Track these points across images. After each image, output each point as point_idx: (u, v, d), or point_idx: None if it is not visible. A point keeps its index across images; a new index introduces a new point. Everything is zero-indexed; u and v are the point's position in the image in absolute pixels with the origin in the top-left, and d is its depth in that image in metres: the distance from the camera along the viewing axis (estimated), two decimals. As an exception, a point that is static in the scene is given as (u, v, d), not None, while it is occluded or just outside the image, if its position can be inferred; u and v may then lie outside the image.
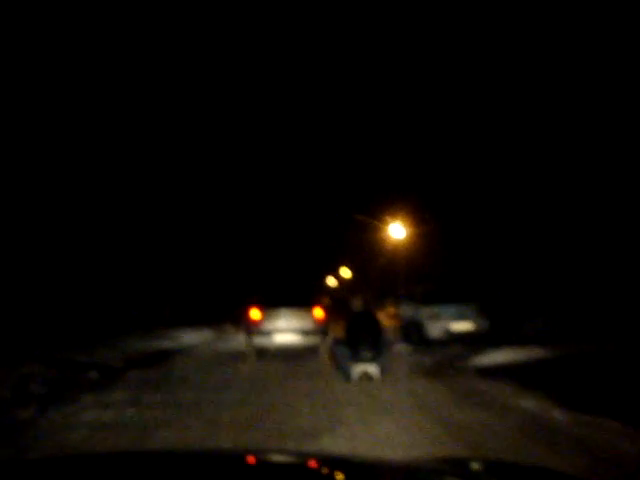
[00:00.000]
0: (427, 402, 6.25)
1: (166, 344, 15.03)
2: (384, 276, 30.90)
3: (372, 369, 7.94)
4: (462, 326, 12.24)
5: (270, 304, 11.36)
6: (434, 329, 12.26)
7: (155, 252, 23.02)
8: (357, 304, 9.21)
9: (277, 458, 1.86)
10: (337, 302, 24.19)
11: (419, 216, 24.59)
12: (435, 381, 7.63)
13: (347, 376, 7.98)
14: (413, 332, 13.16)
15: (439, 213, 23.17)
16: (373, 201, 29.02)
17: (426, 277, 25.13)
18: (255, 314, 11.24)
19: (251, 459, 1.68)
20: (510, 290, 16.08)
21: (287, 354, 11.56)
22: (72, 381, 7.88)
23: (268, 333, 11.10)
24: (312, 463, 1.68)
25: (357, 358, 7.97)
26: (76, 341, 12.88)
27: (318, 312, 11.30)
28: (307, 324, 11.12)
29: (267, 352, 11.47)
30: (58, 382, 7.60)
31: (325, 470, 1.55)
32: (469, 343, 11.85)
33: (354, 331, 8.34)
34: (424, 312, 12.61)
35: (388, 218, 26.33)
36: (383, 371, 8.03)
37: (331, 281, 45.51)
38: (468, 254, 20.31)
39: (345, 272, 42.36)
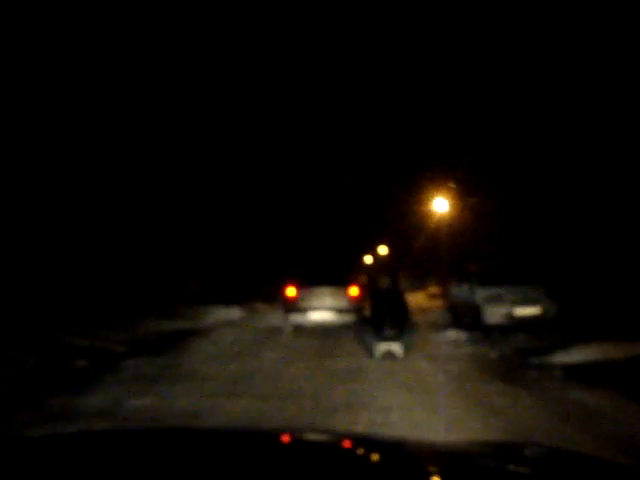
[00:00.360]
0: (512, 422, 4.39)
1: (188, 324, 13.52)
2: (426, 254, 28.84)
3: (395, 347, 7.85)
4: (528, 311, 10.22)
5: (307, 282, 11.65)
6: (494, 314, 10.26)
7: (183, 225, 21.66)
8: (382, 283, 9.25)
9: (312, 437, 1.79)
10: (373, 280, 22.60)
11: (466, 188, 22.45)
12: (513, 386, 5.71)
13: (371, 353, 7.96)
14: (467, 316, 11.23)
15: (489, 184, 20.98)
16: (414, 173, 26.93)
17: (476, 255, 23.08)
18: (291, 292, 11.56)
19: (285, 438, 1.66)
20: (582, 270, 13.88)
21: (322, 331, 11.44)
22: (49, 372, 6.31)
23: (304, 310, 11.34)
24: (348, 443, 1.60)
25: (380, 336, 7.94)
26: (86, 321, 11.44)
27: (353, 290, 11.50)
28: (342, 302, 11.32)
29: (303, 329, 11.57)
30: (29, 374, 6.03)
31: (364, 452, 1.47)
32: (535, 332, 9.88)
33: (378, 309, 8.42)
34: (482, 294, 10.62)
35: (431, 191, 24.29)
36: (406, 349, 7.93)
37: (368, 259, 43.65)
38: (528, 229, 18.09)
39: (383, 250, 40.42)
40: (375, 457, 1.44)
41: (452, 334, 10.68)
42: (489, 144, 21.20)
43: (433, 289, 28.46)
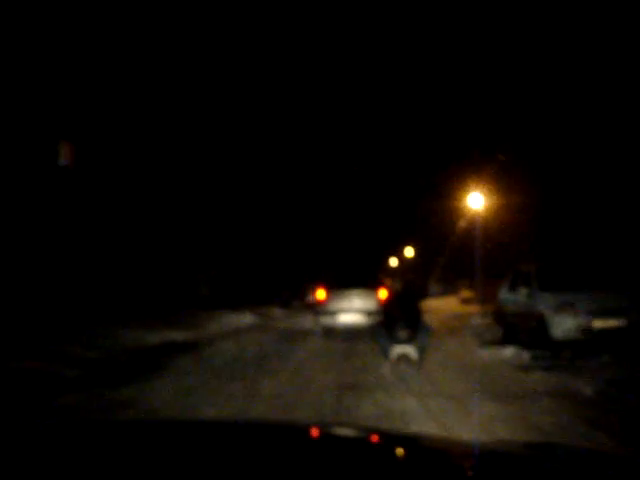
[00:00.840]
0: None
1: (184, 334, 11.40)
2: (458, 255, 26.32)
3: (409, 350, 7.82)
4: (610, 323, 7.83)
5: (336, 285, 11.88)
6: (565, 326, 7.82)
7: (196, 225, 19.75)
8: (396, 286, 9.83)
9: (340, 432, 1.77)
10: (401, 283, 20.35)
11: (504, 182, 20.00)
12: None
13: (386, 356, 7.98)
14: (525, 329, 8.87)
15: (531, 176, 18.52)
16: (446, 166, 24.55)
17: (517, 255, 20.58)
18: (321, 294, 11.81)
19: (315, 432, 1.65)
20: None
21: (351, 333, 11.41)
22: None
23: (334, 313, 11.57)
24: (376, 438, 1.60)
25: (394, 339, 7.96)
26: (64, 330, 9.41)
27: (382, 293, 11.53)
28: (371, 305, 11.41)
29: (333, 331, 11.68)
30: None
31: (392, 448, 1.46)
32: (620, 351, 7.50)
33: (391, 312, 8.51)
34: (548, 301, 8.22)
35: (465, 186, 21.87)
36: (421, 352, 7.84)
37: (393, 262, 41.21)
38: (583, 224, 15.60)
39: (409, 251, 37.92)
40: (403, 452, 1.42)
41: (509, 352, 8.33)
42: (530, 131, 18.76)
43: (466, 293, 25.88)
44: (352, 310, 11.43)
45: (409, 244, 36.16)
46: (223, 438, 1.44)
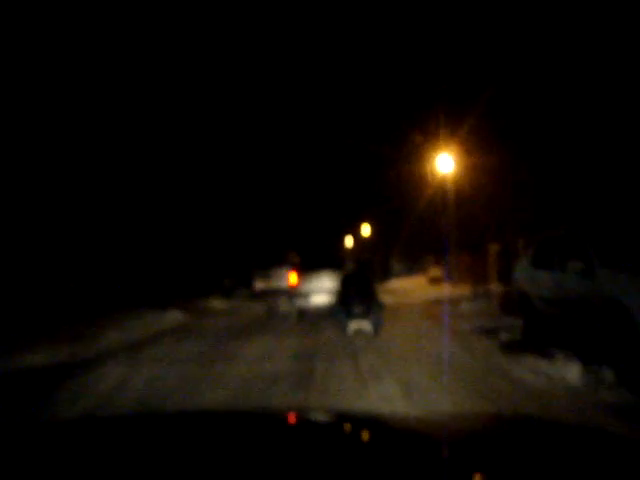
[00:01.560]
0: None
1: (54, 354, 7.58)
2: (423, 227, 23.08)
3: (365, 325, 8.46)
4: None
5: (305, 269, 12.40)
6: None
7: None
8: (351, 266, 11.60)
9: (314, 417, 1.79)
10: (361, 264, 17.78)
11: (480, 141, 16.71)
12: None
13: (344, 330, 8.58)
14: (584, 327, 5.58)
15: (513, 133, 15.33)
16: (409, 124, 21.00)
17: (497, 225, 17.50)
18: (293, 278, 12.35)
19: (292, 418, 1.66)
20: None
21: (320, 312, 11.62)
22: None
23: (306, 295, 12.05)
24: (348, 424, 1.56)
25: (351, 315, 8.56)
26: None
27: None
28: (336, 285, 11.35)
29: (306, 312, 12.13)
30: None
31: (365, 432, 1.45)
32: None
33: (347, 291, 9.06)
34: (631, 284, 4.94)
35: (431, 147, 18.53)
36: (376, 326, 8.39)
37: (348, 241, 37.94)
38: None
39: (365, 229, 34.57)
40: (379, 435, 1.41)
41: (573, 372, 4.97)
42: (511, 81, 15.45)
43: (434, 271, 22.67)
44: (322, 291, 11.82)
45: (366, 220, 32.79)
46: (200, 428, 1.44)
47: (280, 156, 27.65)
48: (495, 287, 14.42)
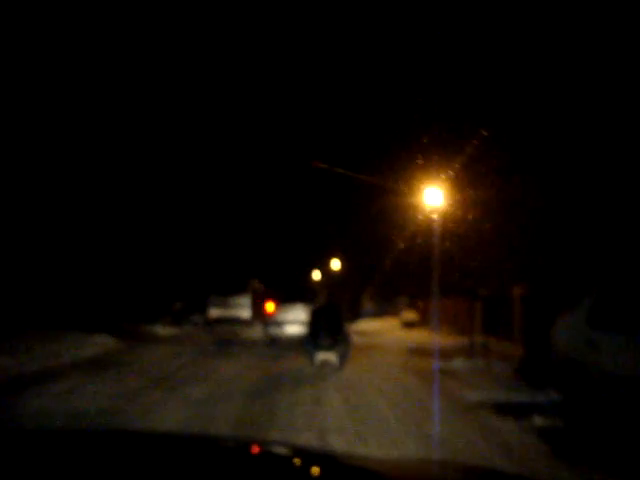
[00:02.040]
0: None
1: None
2: (398, 268, 21.10)
3: (331, 356, 8.79)
4: None
5: (281, 300, 13.54)
6: None
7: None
8: (319, 300, 11.92)
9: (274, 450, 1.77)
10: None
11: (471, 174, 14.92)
12: None
13: (312, 361, 8.89)
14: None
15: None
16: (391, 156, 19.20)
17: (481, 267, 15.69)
18: (270, 307, 13.51)
19: (255, 449, 1.68)
20: None
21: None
22: None
23: (281, 324, 13.11)
24: (299, 460, 1.55)
25: (318, 346, 8.83)
26: None
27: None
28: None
29: (279, 340, 13.04)
30: None
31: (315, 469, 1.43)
32: None
33: (315, 323, 9.27)
34: None
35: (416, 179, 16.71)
36: (342, 359, 8.77)
37: (316, 275, 35.81)
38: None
39: (335, 264, 32.47)
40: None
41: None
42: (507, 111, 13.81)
43: (409, 314, 20.38)
44: (295, 321, 12.66)
45: (337, 255, 30.81)
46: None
47: (249, 181, 26.03)
48: (484, 340, 12.47)
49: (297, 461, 1.53)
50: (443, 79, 15.46)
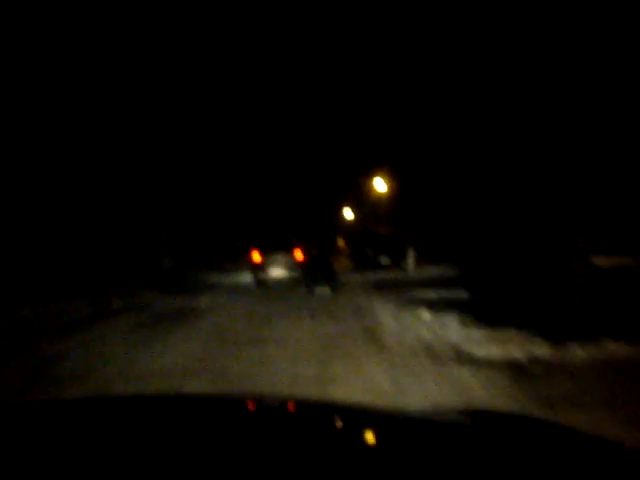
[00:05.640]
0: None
1: None
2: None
3: (326, 289, 13.18)
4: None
5: (266, 249, 15.80)
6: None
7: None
8: (313, 252, 15.36)
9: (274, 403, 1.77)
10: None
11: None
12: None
13: (312, 293, 13.10)
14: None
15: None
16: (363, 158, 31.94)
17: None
18: (257, 257, 15.76)
19: (251, 405, 1.63)
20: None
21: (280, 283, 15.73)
22: None
23: (266, 269, 15.70)
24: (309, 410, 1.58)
25: (316, 282, 13.36)
26: None
27: (298, 255, 15.94)
28: (290, 262, 15.81)
29: (266, 282, 15.77)
30: None
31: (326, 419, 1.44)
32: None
33: (314, 266, 13.99)
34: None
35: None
36: (335, 291, 13.18)
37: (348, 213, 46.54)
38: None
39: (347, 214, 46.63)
40: (340, 425, 1.40)
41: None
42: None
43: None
44: (279, 267, 15.53)
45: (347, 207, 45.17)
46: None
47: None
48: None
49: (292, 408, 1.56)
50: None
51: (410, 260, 19.31)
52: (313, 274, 13.39)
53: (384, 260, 22.65)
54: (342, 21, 29.30)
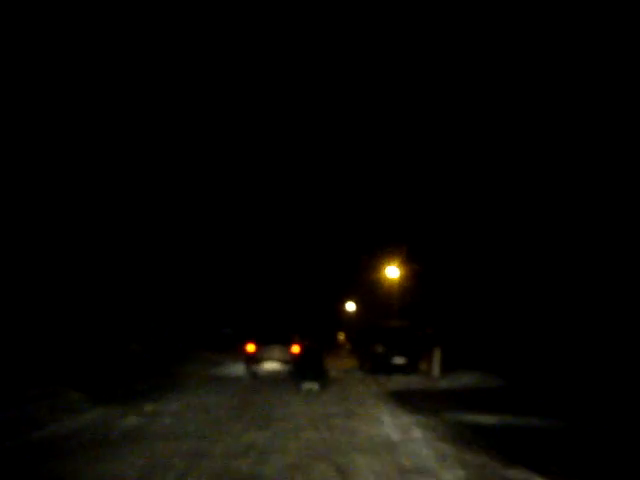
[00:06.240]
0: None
1: None
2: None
3: (314, 386, 12.15)
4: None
5: (262, 342, 15.19)
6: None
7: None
8: (304, 346, 14.81)
9: None
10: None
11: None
12: None
13: (299, 389, 12.08)
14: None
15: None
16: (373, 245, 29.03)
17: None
18: (251, 348, 15.11)
19: None
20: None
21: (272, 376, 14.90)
22: None
23: (261, 361, 15.02)
24: None
25: (304, 378, 12.33)
26: None
27: (295, 348, 15.07)
28: (287, 356, 14.99)
29: (258, 375, 15.02)
30: None
31: None
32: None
33: (303, 362, 13.10)
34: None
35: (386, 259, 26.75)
36: (322, 387, 12.20)
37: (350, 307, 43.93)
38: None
39: (350, 306, 42.77)
40: None
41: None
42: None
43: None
44: (274, 359, 15.03)
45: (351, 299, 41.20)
46: None
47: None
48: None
49: None
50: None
51: (436, 362, 14.92)
52: (302, 369, 12.86)
53: (398, 360, 18.23)
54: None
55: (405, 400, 10.63)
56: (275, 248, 31.79)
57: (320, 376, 12.71)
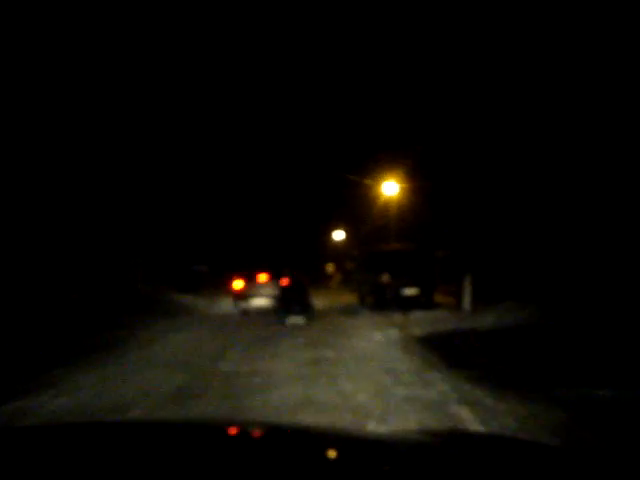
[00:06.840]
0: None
1: None
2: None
3: (299, 319, 11.89)
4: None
5: (249, 277, 14.89)
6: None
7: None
8: (286, 280, 13.75)
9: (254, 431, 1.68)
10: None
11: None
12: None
13: (282, 322, 11.81)
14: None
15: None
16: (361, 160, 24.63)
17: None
18: (238, 285, 14.83)
19: (232, 430, 1.62)
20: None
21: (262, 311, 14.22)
22: None
23: (249, 298, 14.65)
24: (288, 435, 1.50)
25: (290, 312, 12.03)
26: None
27: (284, 282, 13.93)
28: (275, 291, 13.97)
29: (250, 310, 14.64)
30: None
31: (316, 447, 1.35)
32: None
33: (287, 296, 12.59)
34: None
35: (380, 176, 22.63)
36: (308, 320, 11.95)
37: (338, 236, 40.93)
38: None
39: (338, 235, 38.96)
40: (325, 451, 1.35)
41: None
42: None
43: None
44: (262, 295, 14.51)
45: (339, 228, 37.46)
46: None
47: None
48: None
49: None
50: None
51: (467, 294, 11.33)
52: (288, 303, 12.41)
53: (409, 290, 14.85)
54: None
55: (459, 358, 6.89)
56: (250, 172, 27.54)
57: (306, 310, 12.28)
